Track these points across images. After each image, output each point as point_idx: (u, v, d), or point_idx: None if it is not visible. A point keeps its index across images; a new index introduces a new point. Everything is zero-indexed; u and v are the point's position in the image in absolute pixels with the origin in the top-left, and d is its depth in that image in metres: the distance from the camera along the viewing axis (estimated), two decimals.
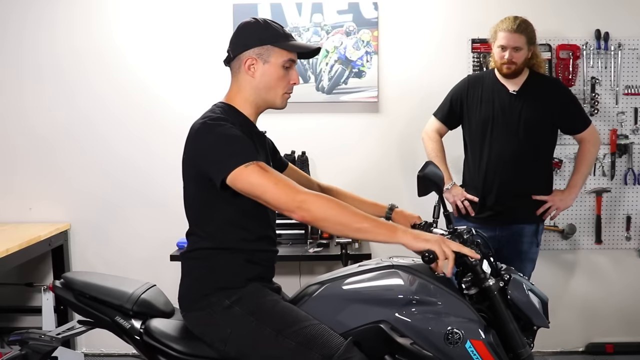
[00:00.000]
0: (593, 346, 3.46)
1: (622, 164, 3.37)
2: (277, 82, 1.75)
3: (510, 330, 1.68)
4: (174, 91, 3.40)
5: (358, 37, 3.30)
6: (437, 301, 1.68)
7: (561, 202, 2.78)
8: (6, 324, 3.43)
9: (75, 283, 1.89)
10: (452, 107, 2.86)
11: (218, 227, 1.72)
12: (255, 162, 1.59)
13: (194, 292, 1.75)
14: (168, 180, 3.40)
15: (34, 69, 3.40)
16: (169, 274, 2.61)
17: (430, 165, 1.83)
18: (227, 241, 1.73)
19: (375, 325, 1.66)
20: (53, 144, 3.43)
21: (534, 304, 1.73)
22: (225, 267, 1.73)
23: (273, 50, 1.73)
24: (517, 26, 2.63)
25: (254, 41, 1.73)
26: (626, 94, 3.32)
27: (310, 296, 1.76)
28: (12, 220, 3.41)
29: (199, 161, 1.66)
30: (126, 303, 1.81)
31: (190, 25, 3.37)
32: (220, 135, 1.63)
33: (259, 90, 1.76)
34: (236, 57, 1.77)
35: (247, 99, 1.78)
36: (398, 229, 1.59)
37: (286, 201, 1.56)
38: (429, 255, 1.55)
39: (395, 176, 3.38)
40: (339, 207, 1.58)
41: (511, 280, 1.71)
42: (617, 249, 3.43)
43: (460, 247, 1.60)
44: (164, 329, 1.79)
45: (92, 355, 3.43)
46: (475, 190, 2.79)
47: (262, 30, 1.75)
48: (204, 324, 1.72)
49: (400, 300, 1.68)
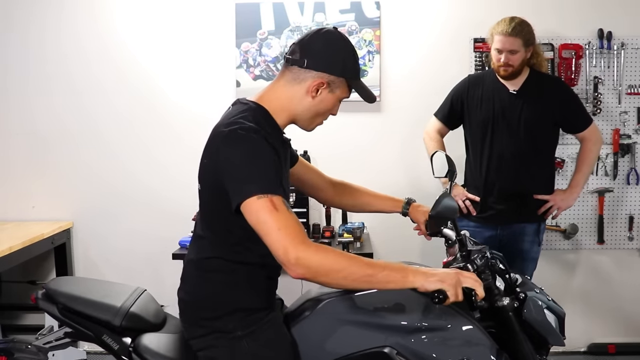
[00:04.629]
0: (595, 346, 3.45)
1: (625, 163, 3.36)
2: (326, 112, 1.67)
3: (525, 354, 1.60)
4: (177, 90, 3.41)
5: (360, 37, 3.30)
6: (447, 324, 1.58)
7: (563, 201, 2.77)
8: (9, 321, 3.45)
9: (59, 295, 1.77)
10: (453, 107, 2.86)
11: (237, 241, 1.59)
12: (271, 196, 1.45)
13: (203, 309, 1.62)
14: (171, 179, 3.42)
15: (38, 68, 3.41)
16: (170, 271, 2.62)
17: (445, 199, 1.74)
18: (248, 256, 1.60)
19: (379, 350, 1.57)
20: (56, 143, 3.44)
21: (549, 323, 1.65)
22: (244, 284, 1.61)
23: (344, 85, 1.64)
24: (512, 29, 2.60)
25: (337, 69, 1.61)
26: (629, 93, 3.31)
27: (311, 311, 1.66)
28: (15, 218, 3.42)
29: (221, 172, 1.52)
30: (114, 318, 1.70)
31: (193, 25, 3.37)
32: (248, 152, 1.49)
33: (309, 112, 1.65)
34: (307, 69, 1.60)
35: (286, 110, 1.64)
36: (408, 273, 1.47)
37: (282, 254, 1.43)
38: (439, 296, 1.45)
39: (396, 175, 3.38)
40: (341, 258, 1.45)
41: (527, 300, 1.62)
42: (619, 249, 3.42)
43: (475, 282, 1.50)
44: (155, 348, 1.69)
45: (95, 353, 3.44)
46: (476, 190, 2.79)
47: (347, 59, 1.63)
48: (205, 344, 1.61)
49: (406, 327, 1.59)
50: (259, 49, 3.32)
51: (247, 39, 3.32)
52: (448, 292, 1.44)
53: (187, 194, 3.35)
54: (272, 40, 3.31)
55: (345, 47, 1.65)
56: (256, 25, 3.31)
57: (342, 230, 3.12)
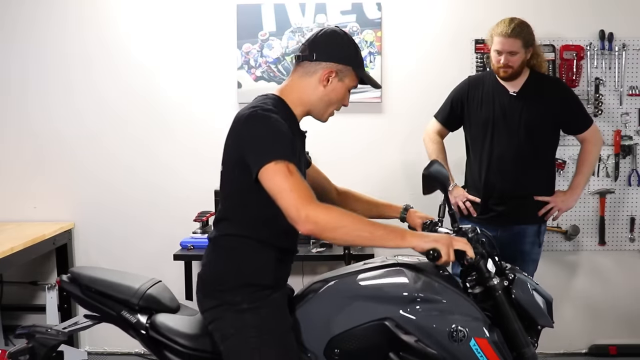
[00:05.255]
0: (596, 348, 3.45)
1: (626, 165, 3.36)
2: (338, 101, 1.83)
3: (514, 329, 1.68)
4: (178, 91, 3.41)
5: (361, 38, 3.30)
6: (442, 299, 1.69)
7: (563, 203, 2.77)
8: (10, 321, 3.44)
9: (82, 277, 1.91)
10: (453, 109, 2.85)
11: (254, 218, 1.73)
12: (287, 162, 1.60)
13: (217, 282, 1.74)
14: (172, 179, 3.42)
15: (39, 69, 3.41)
16: (172, 273, 2.63)
17: (436, 164, 1.83)
18: (262, 234, 1.73)
19: (379, 322, 1.68)
20: (57, 143, 3.45)
21: (538, 304, 1.73)
22: (255, 261, 1.73)
23: (351, 73, 1.80)
24: (511, 30, 2.60)
25: (342, 58, 1.78)
26: (630, 94, 3.31)
27: (315, 293, 1.77)
28: (17, 219, 3.43)
29: (243, 147, 1.67)
30: (132, 297, 1.83)
31: (194, 26, 3.38)
32: (267, 126, 1.65)
33: (322, 101, 1.80)
34: (317, 62, 1.78)
35: (302, 101, 1.80)
36: (406, 233, 1.62)
37: (294, 211, 1.57)
38: (434, 254, 1.58)
39: (398, 177, 3.38)
40: (346, 216, 1.60)
41: (516, 280, 1.72)
42: (621, 250, 3.42)
43: (466, 245, 1.63)
44: (170, 324, 1.81)
45: (96, 353, 3.45)
46: (477, 192, 2.78)
47: (352, 50, 1.81)
48: (214, 316, 1.73)
49: (404, 298, 1.69)
50: (260, 50, 3.32)
51: (248, 40, 3.32)
52: (442, 250, 1.58)
53: (189, 195, 3.38)
54: (273, 41, 3.31)
55: (349, 41, 1.82)
56: (257, 26, 3.31)
57: None
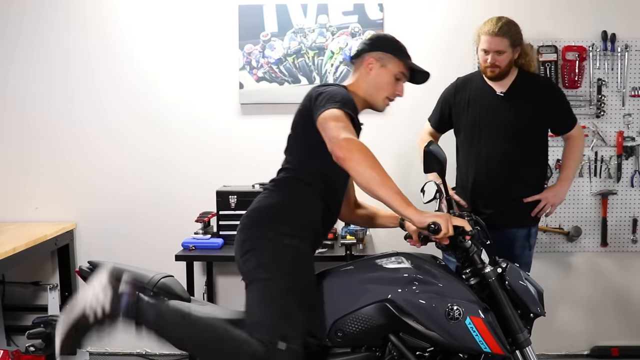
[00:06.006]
0: (598, 349, 3.44)
1: (629, 166, 3.35)
2: (386, 86, 2.02)
3: (508, 314, 1.77)
4: (180, 92, 3.42)
5: (363, 39, 3.30)
6: (439, 282, 1.80)
7: (555, 197, 2.72)
8: (12, 322, 3.45)
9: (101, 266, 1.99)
10: (442, 112, 2.83)
11: (314, 168, 1.91)
12: (344, 110, 1.79)
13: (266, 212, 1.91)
14: (173, 180, 3.42)
15: (39, 70, 3.42)
16: (174, 273, 2.60)
17: (434, 144, 1.91)
18: (318, 185, 1.92)
19: (381, 304, 1.77)
20: (58, 144, 3.45)
21: (531, 291, 1.82)
22: (308, 201, 1.91)
23: (392, 59, 2.02)
24: (498, 29, 2.57)
25: (380, 47, 2.03)
26: (633, 95, 3.30)
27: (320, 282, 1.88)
28: (19, 219, 3.43)
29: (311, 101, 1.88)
30: (147, 284, 1.93)
31: (196, 27, 3.38)
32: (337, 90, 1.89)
33: (370, 86, 2.02)
34: (360, 56, 2.04)
35: (358, 92, 2.01)
36: (411, 206, 1.70)
37: (336, 136, 1.71)
38: (434, 227, 1.66)
39: (397, 178, 3.34)
40: (373, 160, 1.72)
41: (508, 268, 1.82)
42: (623, 252, 3.41)
43: (463, 221, 1.73)
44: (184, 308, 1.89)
45: (97, 354, 3.45)
46: (465, 194, 2.74)
47: (390, 42, 2.06)
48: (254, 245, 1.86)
49: (404, 279, 1.80)
50: (262, 51, 3.32)
51: (250, 40, 3.32)
52: (441, 224, 1.67)
53: (191, 195, 3.38)
54: (275, 42, 3.31)
55: (385, 36, 2.15)
56: (259, 27, 3.31)
57: (344, 232, 3.12)
